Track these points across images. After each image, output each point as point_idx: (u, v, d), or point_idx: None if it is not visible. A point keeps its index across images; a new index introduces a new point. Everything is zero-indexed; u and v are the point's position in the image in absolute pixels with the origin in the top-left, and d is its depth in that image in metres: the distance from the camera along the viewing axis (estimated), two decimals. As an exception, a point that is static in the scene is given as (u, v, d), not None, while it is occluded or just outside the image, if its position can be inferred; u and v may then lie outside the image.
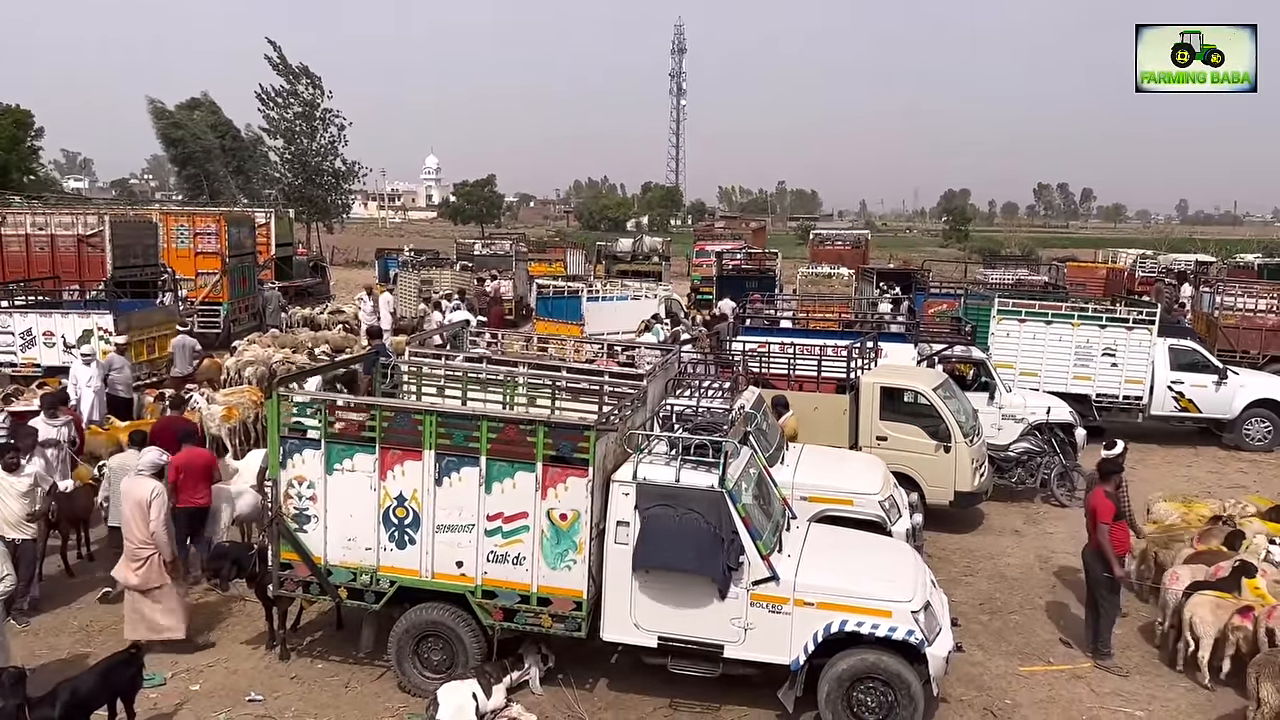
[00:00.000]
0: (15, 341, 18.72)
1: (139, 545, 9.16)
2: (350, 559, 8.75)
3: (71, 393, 15.12)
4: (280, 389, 8.80)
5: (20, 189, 48.92)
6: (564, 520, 8.33)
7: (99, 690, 7.67)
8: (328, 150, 64.69)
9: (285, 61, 62.45)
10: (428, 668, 8.70)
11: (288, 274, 35.41)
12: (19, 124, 53.46)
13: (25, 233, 22.90)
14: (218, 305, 26.02)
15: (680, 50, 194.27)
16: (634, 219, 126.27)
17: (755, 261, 33.94)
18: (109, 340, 17.73)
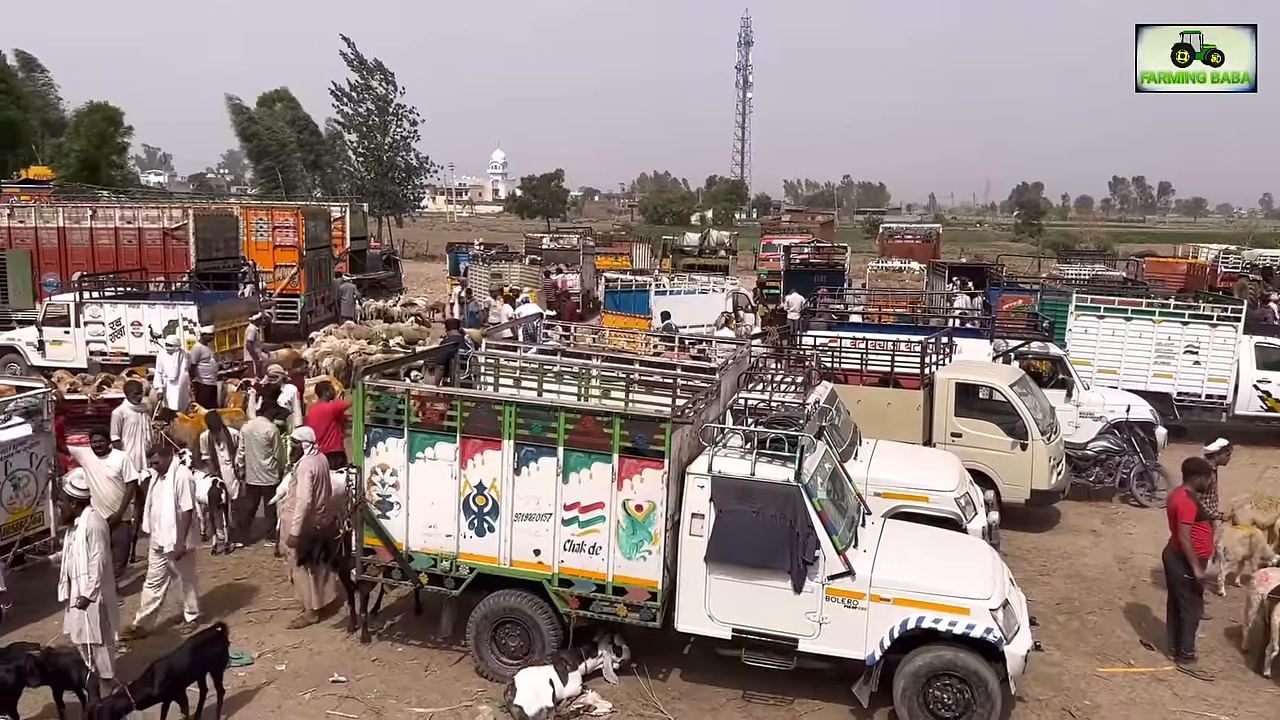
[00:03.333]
0: (105, 331, 19.44)
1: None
2: (431, 545, 8.95)
3: (158, 381, 15.69)
4: (365, 379, 9.04)
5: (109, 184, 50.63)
6: (639, 511, 8.42)
7: (191, 667, 7.98)
8: (400, 145, 65.78)
9: (360, 57, 63.66)
10: (505, 653, 8.87)
11: (362, 267, 36.12)
12: (109, 121, 55.38)
13: (114, 226, 23.72)
14: (295, 297, 26.69)
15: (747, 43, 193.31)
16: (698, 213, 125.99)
17: (824, 255, 33.68)
18: (193, 331, 18.33)
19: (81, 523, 8.23)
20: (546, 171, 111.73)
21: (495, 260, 33.69)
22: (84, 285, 20.05)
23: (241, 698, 8.46)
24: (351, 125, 65.65)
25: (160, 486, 9.47)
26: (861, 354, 13.98)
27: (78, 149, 53.55)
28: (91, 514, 8.31)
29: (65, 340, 19.66)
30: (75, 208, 25.55)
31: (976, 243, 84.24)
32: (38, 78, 57.67)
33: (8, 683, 7.25)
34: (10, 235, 23.54)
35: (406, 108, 65.63)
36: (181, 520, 9.49)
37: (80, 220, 23.83)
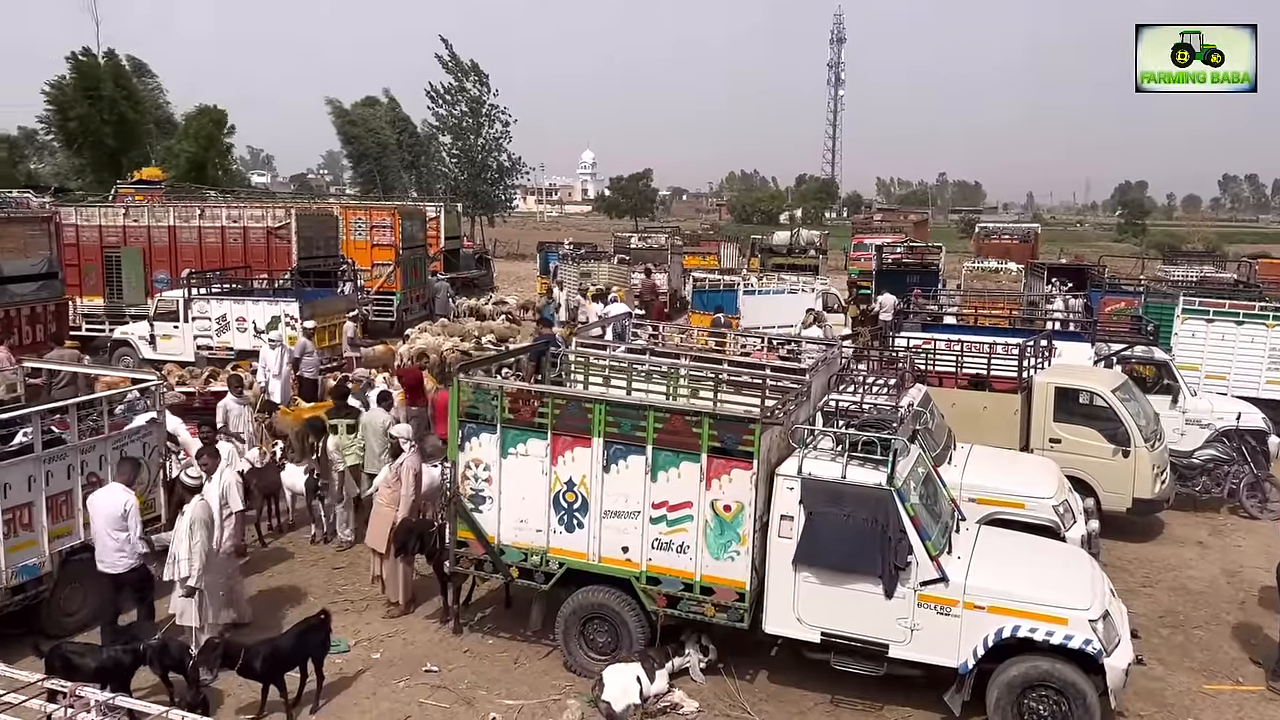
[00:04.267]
0: (212, 326, 20.14)
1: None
2: (522, 540, 9.10)
3: (260, 375, 16.25)
4: (461, 375, 9.23)
5: (215, 184, 52.57)
6: (727, 511, 8.41)
7: (294, 651, 8.27)
8: (493, 146, 66.82)
9: (456, 59, 64.86)
10: (593, 649, 8.96)
11: (455, 266, 36.73)
12: (216, 123, 57.51)
13: (221, 225, 24.54)
14: (391, 295, 27.30)
15: (839, 40, 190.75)
16: (787, 212, 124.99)
17: (917, 255, 33.03)
18: (294, 327, 18.90)
19: (188, 510, 8.59)
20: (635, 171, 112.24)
21: (584, 260, 33.99)
22: (192, 282, 20.86)
23: (339, 684, 8.72)
24: (446, 127, 66.99)
25: (206, 488, 9.46)
26: (956, 356, 13.72)
27: (187, 150, 55.71)
28: (199, 503, 8.66)
29: (174, 335, 20.43)
30: (185, 207, 26.54)
31: (1076, 243, 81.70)
32: (148, 82, 60.10)
33: (124, 663, 7.61)
34: (125, 234, 24.56)
35: (499, 109, 66.73)
36: (229, 519, 9.41)
37: (189, 219, 24.73)
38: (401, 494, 10.19)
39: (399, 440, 10.83)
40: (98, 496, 9.04)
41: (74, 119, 51.99)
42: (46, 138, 57.73)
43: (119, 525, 8.78)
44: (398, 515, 10.07)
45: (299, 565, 11.47)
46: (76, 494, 9.52)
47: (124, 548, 8.80)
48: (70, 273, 21.17)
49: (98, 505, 8.93)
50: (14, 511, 8.97)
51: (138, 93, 56.50)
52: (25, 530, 9.08)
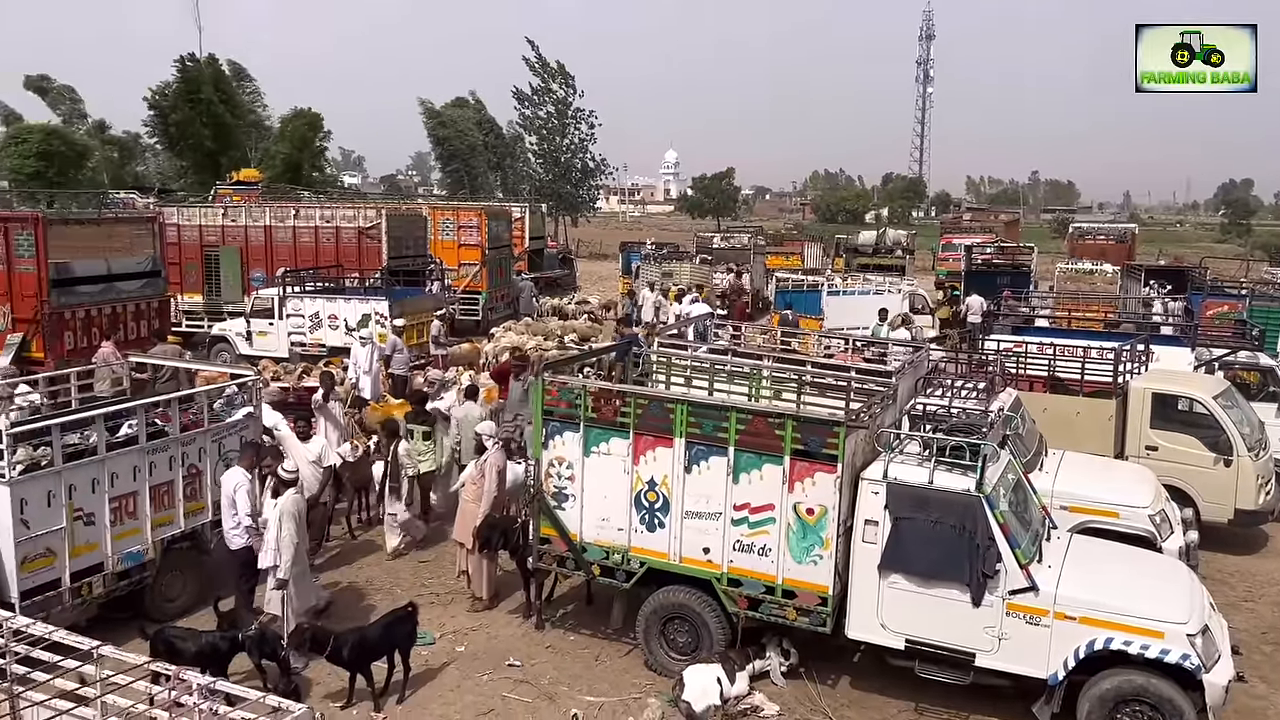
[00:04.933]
0: (305, 323, 20.75)
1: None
2: (604, 538, 9.16)
3: (351, 372, 16.65)
4: (545, 374, 9.34)
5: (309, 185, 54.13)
6: (810, 515, 8.35)
7: (381, 642, 8.48)
8: (578, 147, 67.34)
9: (543, 60, 65.56)
10: (673, 649, 8.98)
11: (539, 266, 37.17)
12: (311, 125, 59.26)
13: (315, 225, 25.22)
14: (477, 294, 27.75)
15: (928, 36, 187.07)
16: (873, 211, 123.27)
17: (1008, 256, 32.26)
18: (384, 324, 19.34)
19: (280, 503, 8.87)
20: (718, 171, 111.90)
21: (666, 259, 34.03)
22: (287, 280, 21.51)
23: (424, 675, 8.89)
24: (532, 128, 67.77)
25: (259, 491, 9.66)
26: (1049, 360, 13.37)
27: (282, 152, 57.51)
28: (292, 496, 8.92)
29: (270, 331, 21.10)
30: (280, 207, 27.35)
31: (1176, 244, 78.83)
32: (246, 86, 62.16)
33: (222, 649, 7.90)
34: (223, 233, 25.44)
35: (585, 110, 67.22)
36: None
37: (284, 219, 25.49)
38: (485, 490, 10.35)
39: (482, 437, 10.99)
40: (223, 476, 9.58)
41: (175, 123, 54.06)
42: (151, 140, 60.08)
43: (230, 504, 9.26)
44: (481, 511, 10.23)
45: (387, 558, 11.71)
46: (178, 485, 9.91)
47: (235, 526, 9.24)
48: (172, 271, 21.97)
49: (221, 484, 9.50)
50: (120, 500, 9.36)
51: (236, 96, 58.46)
52: (130, 519, 9.47)
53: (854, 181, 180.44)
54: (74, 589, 8.94)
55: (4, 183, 55.08)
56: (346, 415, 14.15)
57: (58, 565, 8.82)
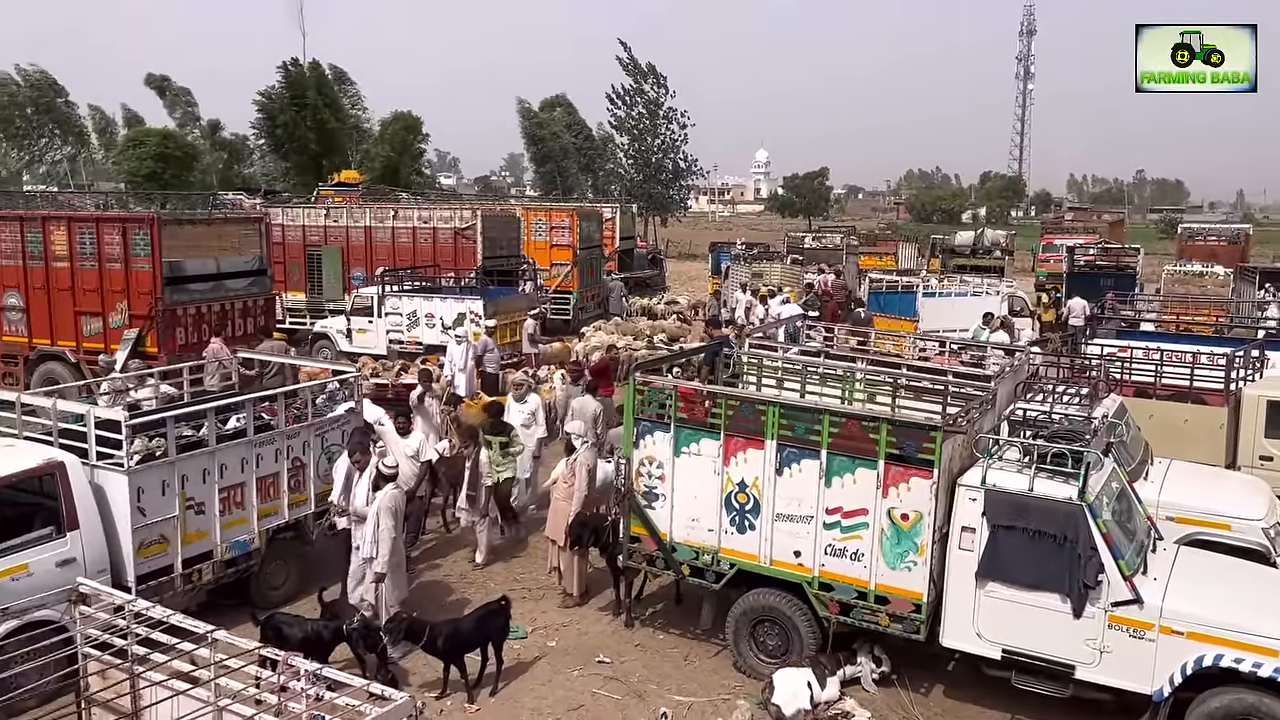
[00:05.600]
0: (403, 321, 21.23)
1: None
2: (693, 538, 9.18)
3: (447, 369, 16.99)
4: (637, 374, 9.41)
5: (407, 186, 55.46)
6: (905, 520, 8.23)
7: (475, 634, 8.66)
8: (668, 147, 67.51)
9: (634, 61, 65.92)
10: (763, 651, 8.95)
11: (629, 266, 37.36)
12: (409, 128, 60.74)
13: (412, 225, 25.81)
14: (568, 294, 28.05)
15: (1029, 32, 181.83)
16: (970, 210, 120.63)
17: (1112, 257, 31.21)
18: (479, 323, 19.69)
19: (379, 497, 9.10)
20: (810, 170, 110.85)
21: (756, 260, 33.85)
22: (385, 279, 22.05)
23: (516, 669, 9.04)
24: (623, 128, 68.17)
25: (359, 482, 9.60)
26: (1155, 365, 12.91)
27: (382, 154, 59.07)
28: (390, 492, 9.13)
29: (369, 329, 21.65)
30: (380, 208, 28.08)
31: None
32: (347, 89, 63.98)
33: (325, 637, 8.16)
34: (325, 233, 26.19)
35: (676, 110, 67.34)
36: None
37: (384, 220, 26.13)
38: (575, 489, 10.47)
39: (572, 437, 11.09)
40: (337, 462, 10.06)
41: (282, 125, 55.93)
42: (258, 143, 62.29)
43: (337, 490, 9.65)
44: (572, 509, 10.34)
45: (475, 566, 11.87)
46: (283, 476, 10.26)
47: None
48: (277, 269, 22.67)
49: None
50: (228, 491, 9.74)
51: (339, 100, 60.18)
52: (237, 508, 9.84)
53: (950, 180, 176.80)
54: (185, 575, 9.33)
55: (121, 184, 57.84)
56: (442, 412, 14.45)
57: (170, 552, 9.21)
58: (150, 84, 62.42)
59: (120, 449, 8.79)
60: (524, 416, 12.88)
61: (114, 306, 16.63)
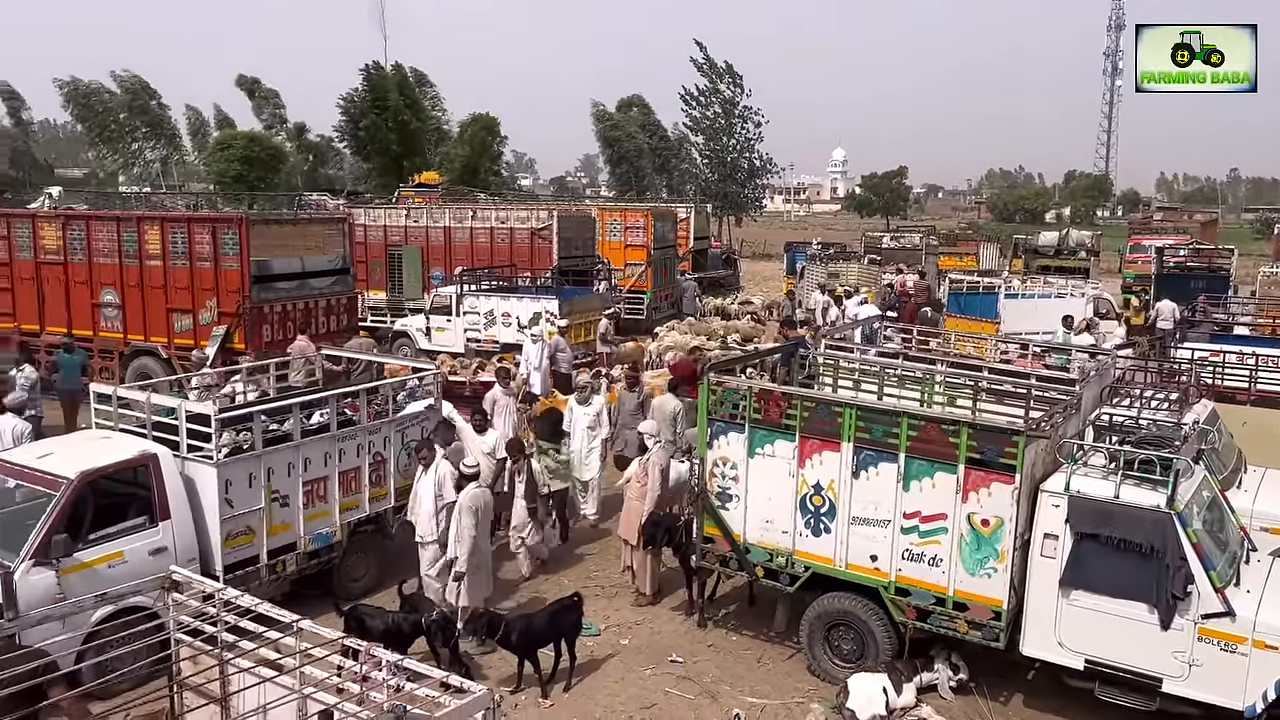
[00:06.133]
0: (480, 320, 21.53)
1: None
2: (767, 540, 9.14)
3: (522, 368, 17.16)
4: (711, 374, 9.39)
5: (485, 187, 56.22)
6: (985, 526, 8.08)
7: (548, 630, 8.74)
8: (744, 146, 67.24)
9: (710, 61, 65.81)
10: (838, 655, 8.87)
11: (703, 266, 37.28)
12: (488, 129, 61.58)
13: (490, 226, 26.16)
14: (642, 294, 28.12)
15: (1117, 27, 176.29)
16: (1054, 210, 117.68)
17: (1204, 258, 30.17)
18: (554, 323, 19.86)
19: (460, 497, 9.24)
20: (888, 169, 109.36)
21: (832, 260, 33.51)
22: (464, 279, 22.39)
23: (589, 665, 9.11)
24: (699, 128, 68.11)
25: (423, 479, 9.81)
26: (1250, 370, 12.45)
27: (461, 155, 59.95)
28: (471, 491, 9.25)
29: (447, 328, 22.01)
30: (458, 209, 28.50)
31: (1402, 245, 71.59)
32: (427, 91, 65.08)
33: (405, 629, 8.33)
34: (406, 233, 26.70)
35: (752, 109, 67.05)
36: (442, 511, 9.64)
37: (462, 220, 26.53)
38: (648, 488, 10.50)
39: (645, 436, 11.12)
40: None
41: (364, 128, 57.14)
42: (341, 145, 63.73)
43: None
44: (645, 509, 10.37)
45: (554, 547, 12.00)
46: (364, 471, 10.50)
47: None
48: (359, 268, 23.17)
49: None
50: (312, 484, 10.00)
51: (419, 102, 61.23)
52: (320, 501, 10.10)
53: (1033, 179, 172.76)
54: (270, 565, 9.62)
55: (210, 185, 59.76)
56: (518, 410, 14.61)
57: (256, 543, 9.50)
58: (241, 85, 64.33)
59: (210, 442, 9.09)
60: (589, 419, 12.74)
61: (203, 304, 17.15)
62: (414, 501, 9.95)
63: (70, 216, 19.30)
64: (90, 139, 65.58)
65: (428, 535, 9.73)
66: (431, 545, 9.70)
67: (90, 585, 7.84)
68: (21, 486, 8.77)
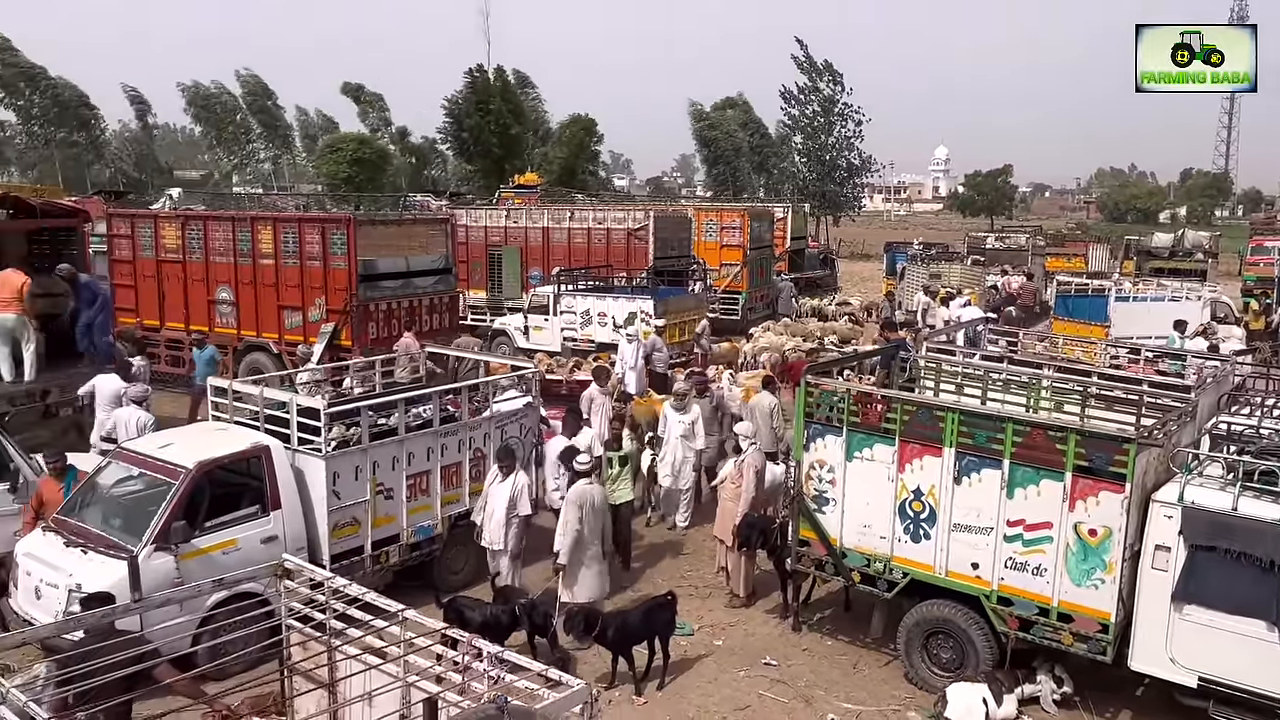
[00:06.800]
0: (576, 320, 21.76)
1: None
2: (865, 545, 9.03)
3: (618, 367, 17.29)
4: (808, 376, 9.32)
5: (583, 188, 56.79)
6: (1093, 536, 7.84)
7: (642, 627, 8.80)
8: (843, 145, 66.41)
9: (810, 59, 65.20)
10: (936, 664, 8.71)
11: (800, 266, 36.94)
12: (586, 131, 62.27)
13: (587, 226, 26.41)
14: (737, 294, 28.02)
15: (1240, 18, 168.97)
16: (1169, 210, 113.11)
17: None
18: (649, 323, 19.95)
19: (569, 491, 9.35)
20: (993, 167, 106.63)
21: (934, 260, 32.84)
22: (561, 279, 22.66)
23: (682, 664, 9.14)
24: (798, 127, 67.51)
25: (497, 487, 9.78)
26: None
27: (560, 156, 60.74)
28: (581, 486, 9.32)
29: (545, 327, 22.31)
30: (557, 209, 28.86)
31: None
32: (529, 93, 66.05)
33: (502, 622, 8.49)
34: (506, 234, 27.16)
35: (852, 107, 66.16)
36: (514, 522, 9.68)
37: (560, 221, 26.85)
38: (743, 489, 10.47)
39: (740, 438, 11.08)
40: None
41: (467, 130, 58.32)
42: (443, 147, 65.17)
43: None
44: (739, 510, 10.35)
45: (648, 546, 12.09)
46: (464, 466, 10.72)
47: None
48: (460, 268, 23.65)
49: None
50: (415, 478, 10.26)
51: (521, 105, 62.19)
52: (423, 495, 10.36)
53: (1146, 178, 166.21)
54: (374, 556, 9.90)
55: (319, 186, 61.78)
56: (614, 409, 14.72)
57: (361, 534, 9.79)
58: (346, 92, 66.35)
59: (319, 435, 9.40)
60: (683, 427, 12.43)
61: (312, 302, 17.72)
62: (484, 506, 9.91)
63: (189, 217, 20.14)
64: (208, 141, 68.50)
65: (496, 544, 9.75)
66: (501, 554, 9.76)
67: (206, 571, 8.20)
68: (144, 475, 9.22)
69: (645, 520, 12.86)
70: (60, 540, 8.64)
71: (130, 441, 10.39)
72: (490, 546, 9.84)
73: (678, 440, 12.42)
